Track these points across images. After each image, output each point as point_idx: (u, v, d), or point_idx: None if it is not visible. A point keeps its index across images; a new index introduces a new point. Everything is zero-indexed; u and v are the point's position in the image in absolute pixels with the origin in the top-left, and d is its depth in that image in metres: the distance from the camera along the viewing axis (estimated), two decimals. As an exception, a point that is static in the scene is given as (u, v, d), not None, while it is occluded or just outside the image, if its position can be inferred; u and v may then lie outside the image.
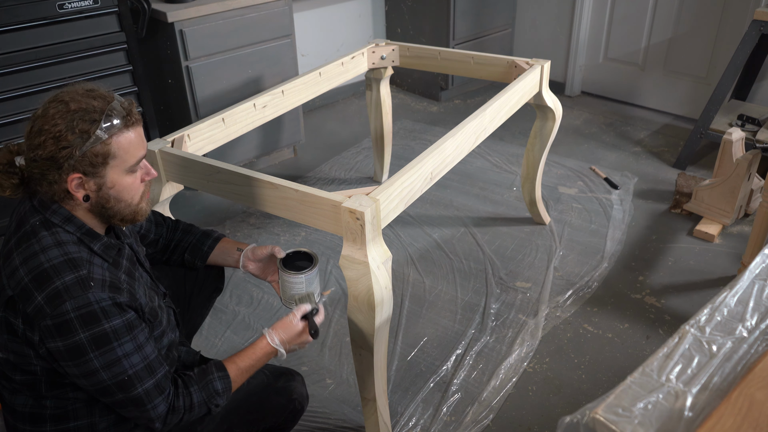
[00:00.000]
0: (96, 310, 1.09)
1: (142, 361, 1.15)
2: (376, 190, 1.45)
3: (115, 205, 1.17)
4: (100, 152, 1.11)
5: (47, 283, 1.08)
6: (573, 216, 2.77)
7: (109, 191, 1.15)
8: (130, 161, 1.16)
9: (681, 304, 2.24)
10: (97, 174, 1.13)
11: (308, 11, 3.77)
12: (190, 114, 2.82)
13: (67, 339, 1.08)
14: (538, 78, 2.26)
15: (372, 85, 2.77)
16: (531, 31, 4.21)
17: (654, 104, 3.83)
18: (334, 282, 2.40)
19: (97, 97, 1.13)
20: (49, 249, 1.11)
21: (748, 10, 3.22)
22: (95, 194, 1.15)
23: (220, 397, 1.27)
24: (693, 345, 0.97)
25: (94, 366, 1.10)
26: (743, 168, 2.44)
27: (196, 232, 1.58)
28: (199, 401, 1.24)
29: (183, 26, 2.64)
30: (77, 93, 1.13)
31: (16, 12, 2.22)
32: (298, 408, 1.49)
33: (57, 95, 1.13)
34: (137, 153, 1.17)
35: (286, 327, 1.36)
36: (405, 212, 2.82)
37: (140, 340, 1.15)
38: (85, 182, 1.13)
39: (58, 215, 1.15)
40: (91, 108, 1.10)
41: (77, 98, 1.11)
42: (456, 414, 1.84)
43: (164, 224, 1.56)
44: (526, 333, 2.12)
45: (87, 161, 1.10)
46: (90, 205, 1.16)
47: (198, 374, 1.26)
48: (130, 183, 1.18)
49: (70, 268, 1.10)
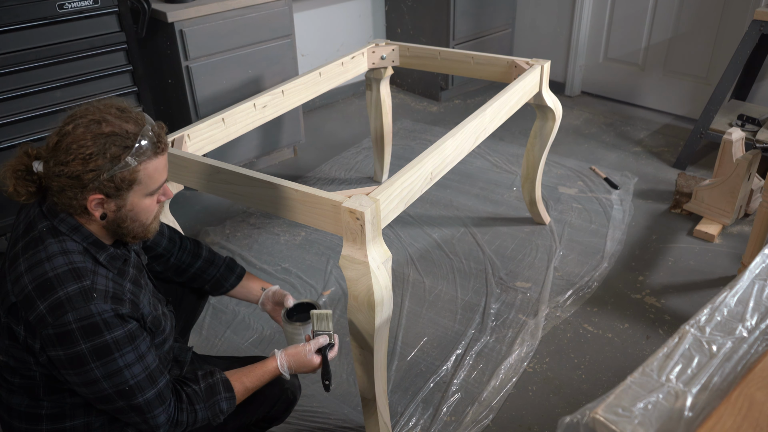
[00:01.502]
0: (98, 322, 1.08)
1: (144, 371, 1.15)
2: (376, 190, 1.45)
3: (129, 225, 1.18)
4: (127, 177, 1.11)
5: (50, 292, 1.07)
6: (573, 216, 2.77)
7: (127, 212, 1.16)
8: (152, 187, 1.16)
9: (681, 304, 2.24)
10: (120, 197, 1.13)
11: (308, 11, 3.77)
12: (190, 114, 2.82)
13: (69, 349, 1.08)
14: (538, 78, 2.26)
15: (372, 85, 2.77)
16: (531, 31, 4.21)
17: (654, 104, 3.83)
18: (334, 282, 2.40)
19: (131, 121, 1.12)
20: (55, 257, 1.10)
21: (748, 10, 3.22)
22: (113, 214, 1.15)
23: (223, 416, 1.28)
24: (693, 345, 0.97)
25: (95, 375, 1.10)
26: (743, 168, 2.44)
27: (219, 263, 1.57)
28: (202, 418, 1.25)
29: (183, 26, 2.64)
30: (110, 113, 1.11)
31: (16, 12, 2.22)
32: (290, 398, 1.49)
33: (87, 111, 1.11)
34: (161, 179, 1.18)
35: (299, 358, 1.38)
36: (405, 212, 2.82)
37: (142, 350, 1.16)
38: (105, 203, 1.13)
39: (66, 224, 1.14)
40: (124, 133, 1.09)
41: (110, 119, 1.10)
42: (456, 414, 1.84)
43: (178, 243, 1.54)
44: (526, 333, 2.12)
45: (113, 185, 1.10)
46: (106, 223, 1.17)
47: (205, 391, 1.26)
48: (148, 205, 1.18)
49: (74, 278, 1.09)
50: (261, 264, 2.51)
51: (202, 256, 1.56)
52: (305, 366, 1.39)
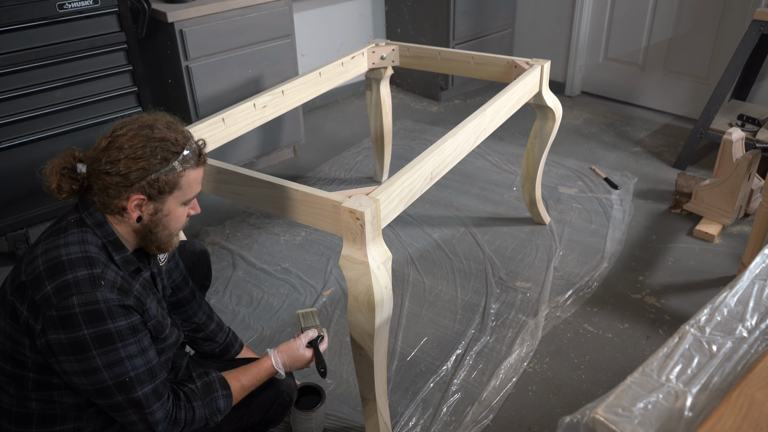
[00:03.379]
0: (101, 309, 1.10)
1: (145, 364, 1.16)
2: (376, 190, 1.45)
3: (161, 232, 1.22)
4: (171, 181, 1.17)
5: (60, 274, 1.10)
6: (573, 216, 2.77)
7: (162, 217, 1.21)
8: (189, 195, 1.23)
9: (681, 304, 2.24)
10: (161, 200, 1.18)
11: (308, 11, 3.77)
12: (190, 114, 2.82)
13: (70, 333, 1.09)
14: (538, 78, 2.26)
15: (372, 85, 2.77)
16: (531, 31, 4.21)
17: (654, 104, 3.83)
18: (334, 282, 2.40)
19: (179, 132, 1.20)
20: (72, 245, 1.14)
21: (748, 10, 3.22)
22: (149, 217, 1.20)
23: (221, 414, 1.30)
24: (693, 345, 0.97)
25: (96, 364, 1.11)
26: (743, 168, 2.44)
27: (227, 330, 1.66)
28: (200, 416, 1.26)
29: (183, 26, 2.64)
30: (160, 123, 1.19)
31: (16, 12, 2.22)
32: (286, 400, 1.50)
33: (139, 118, 1.19)
34: (196, 190, 1.24)
35: (291, 353, 1.44)
36: (405, 212, 2.82)
37: (144, 344, 1.17)
38: (145, 205, 1.18)
39: (93, 218, 1.18)
40: (173, 140, 1.17)
41: (160, 127, 1.18)
42: (456, 414, 1.84)
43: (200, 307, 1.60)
44: (526, 333, 2.12)
45: (156, 186, 1.16)
46: (140, 226, 1.20)
47: (202, 389, 1.28)
48: (180, 214, 1.24)
49: (86, 265, 1.12)
50: (261, 264, 2.51)
51: (214, 320, 1.63)
52: (299, 360, 1.44)
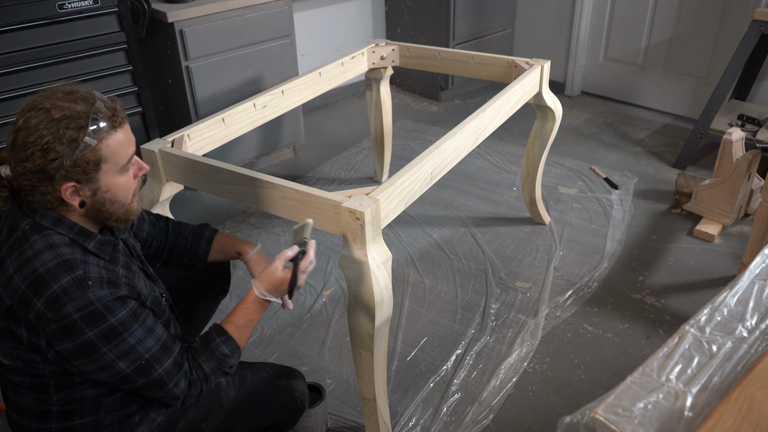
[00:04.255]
0: (99, 308, 1.08)
1: (157, 342, 1.16)
2: (376, 190, 1.45)
3: (110, 207, 1.16)
4: (91, 159, 1.08)
5: (44, 288, 1.06)
6: (573, 216, 2.77)
7: (104, 195, 1.14)
8: (121, 162, 1.14)
9: (681, 304, 2.24)
10: (91, 180, 1.11)
11: (308, 11, 3.77)
12: (190, 114, 2.82)
13: (76, 339, 1.07)
14: (538, 78, 2.26)
15: (372, 85, 2.77)
16: (531, 31, 4.21)
17: (654, 104, 3.83)
18: (334, 282, 2.40)
19: (79, 100, 1.08)
20: (42, 253, 1.08)
21: (748, 10, 3.22)
22: (91, 199, 1.13)
23: (232, 359, 1.27)
24: (693, 345, 0.97)
25: (110, 358, 1.10)
26: (743, 168, 2.44)
27: (186, 233, 1.55)
28: (211, 369, 1.25)
29: (183, 26, 2.64)
30: (57, 98, 1.08)
31: (16, 12, 2.22)
32: (299, 406, 1.49)
33: (35, 102, 1.08)
34: (127, 152, 1.14)
35: (270, 278, 1.31)
36: (405, 212, 2.82)
37: (149, 324, 1.16)
38: (80, 189, 1.11)
39: (48, 218, 1.12)
40: (75, 114, 1.06)
41: (58, 104, 1.06)
42: (456, 414, 1.84)
43: (158, 224, 1.54)
44: (526, 333, 2.12)
45: (79, 169, 1.08)
46: (86, 210, 1.15)
47: (201, 344, 1.27)
48: (124, 182, 1.16)
49: (65, 270, 1.08)
50: (261, 264, 2.50)
51: (170, 230, 1.54)
52: (279, 283, 1.31)
